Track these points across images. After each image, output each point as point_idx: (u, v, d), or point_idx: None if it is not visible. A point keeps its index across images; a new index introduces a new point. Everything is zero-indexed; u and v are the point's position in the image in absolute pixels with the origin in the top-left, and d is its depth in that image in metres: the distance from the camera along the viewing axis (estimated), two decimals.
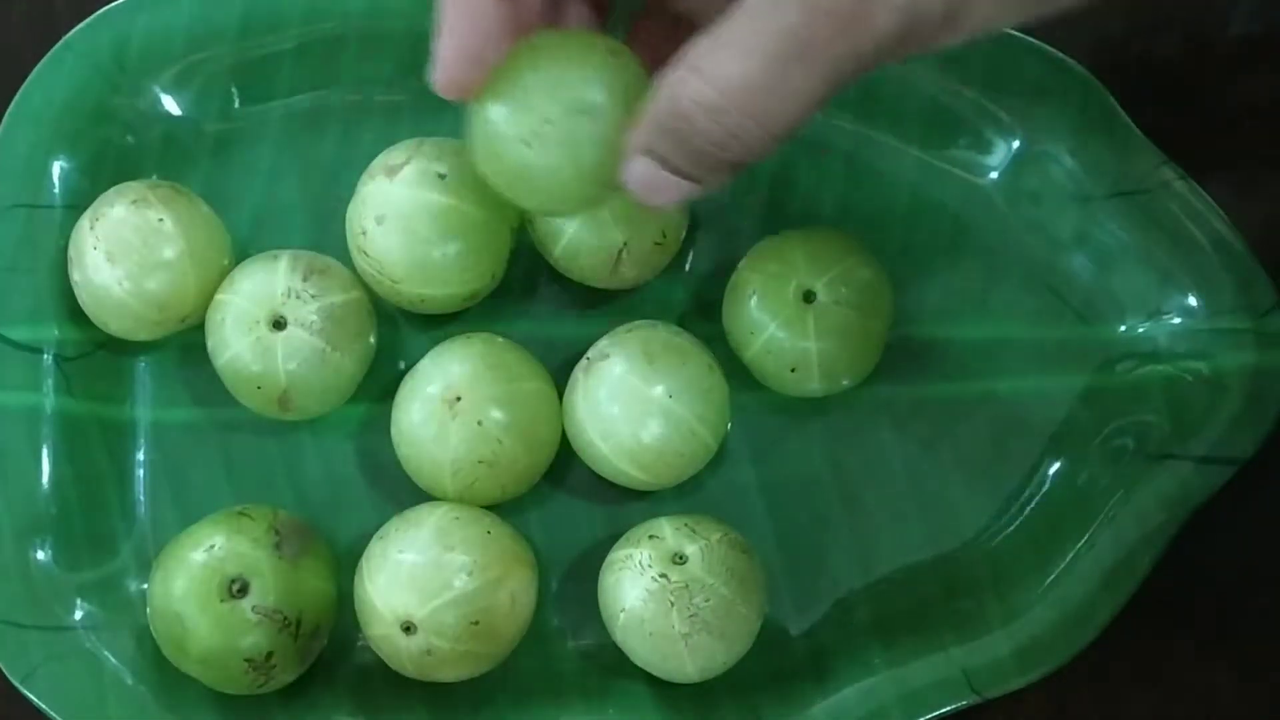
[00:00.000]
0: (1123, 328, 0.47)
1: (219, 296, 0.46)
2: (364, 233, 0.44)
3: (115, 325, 0.46)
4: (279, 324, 0.45)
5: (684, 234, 0.47)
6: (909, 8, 0.31)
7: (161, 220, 0.45)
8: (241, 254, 0.47)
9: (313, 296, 0.45)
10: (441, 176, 0.44)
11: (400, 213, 0.44)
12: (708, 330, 0.47)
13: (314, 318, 0.45)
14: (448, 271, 0.45)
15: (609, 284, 0.47)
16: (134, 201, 0.46)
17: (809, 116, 0.33)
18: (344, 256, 0.46)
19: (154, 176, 0.48)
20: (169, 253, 0.45)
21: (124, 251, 0.45)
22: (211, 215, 0.47)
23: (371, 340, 0.47)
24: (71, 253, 0.46)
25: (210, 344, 0.46)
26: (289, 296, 0.45)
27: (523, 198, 0.40)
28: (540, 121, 0.37)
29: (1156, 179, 0.46)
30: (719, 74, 0.33)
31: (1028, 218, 0.48)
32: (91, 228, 0.45)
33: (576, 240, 0.45)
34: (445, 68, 0.37)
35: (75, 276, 0.46)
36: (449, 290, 0.45)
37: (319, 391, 0.46)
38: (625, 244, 0.45)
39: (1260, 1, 0.51)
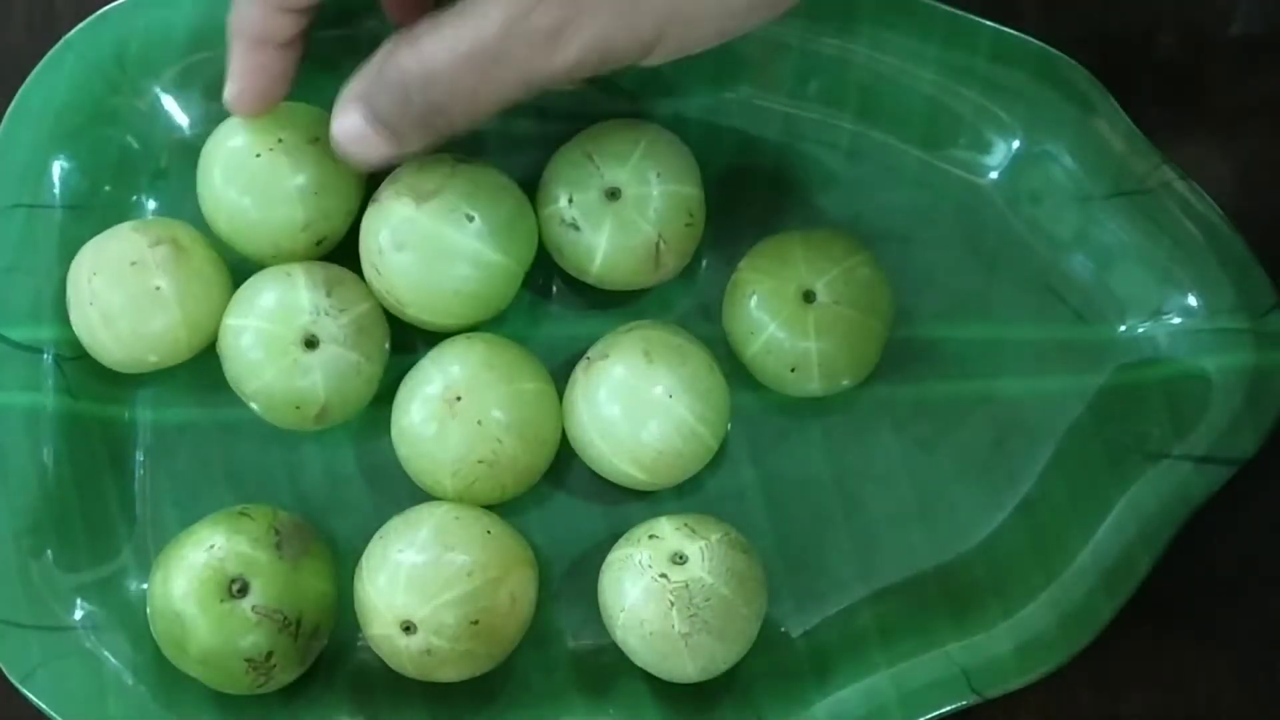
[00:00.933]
0: (1123, 328, 0.47)
1: (232, 322, 0.45)
2: (380, 251, 0.44)
3: (110, 363, 0.46)
4: (311, 343, 0.44)
5: (706, 211, 0.47)
6: (599, 45, 0.37)
7: (158, 288, 0.45)
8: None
9: (340, 311, 0.44)
10: (470, 219, 0.44)
11: (422, 245, 0.44)
12: (708, 330, 0.47)
13: (345, 331, 0.44)
14: (456, 308, 0.45)
15: (653, 281, 0.46)
16: (133, 264, 0.45)
17: (501, 108, 0.39)
18: (339, 256, 0.46)
19: (152, 180, 0.49)
20: (162, 321, 0.45)
21: (119, 315, 0.45)
22: (212, 270, 0.46)
23: (388, 343, 0.46)
24: (70, 294, 0.46)
25: (233, 372, 0.45)
26: (318, 314, 0.44)
27: (242, 238, 0.46)
28: (274, 140, 0.45)
29: (1156, 179, 0.46)
30: (429, 53, 0.38)
31: (1028, 217, 0.48)
32: (89, 281, 0.45)
33: (612, 250, 0.45)
34: (239, 105, 0.44)
35: (73, 317, 0.46)
36: (452, 321, 0.45)
37: (353, 401, 0.45)
38: (660, 235, 0.45)
39: (1261, 1, 0.51)
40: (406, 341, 0.48)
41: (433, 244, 0.44)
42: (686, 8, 0.37)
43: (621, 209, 0.45)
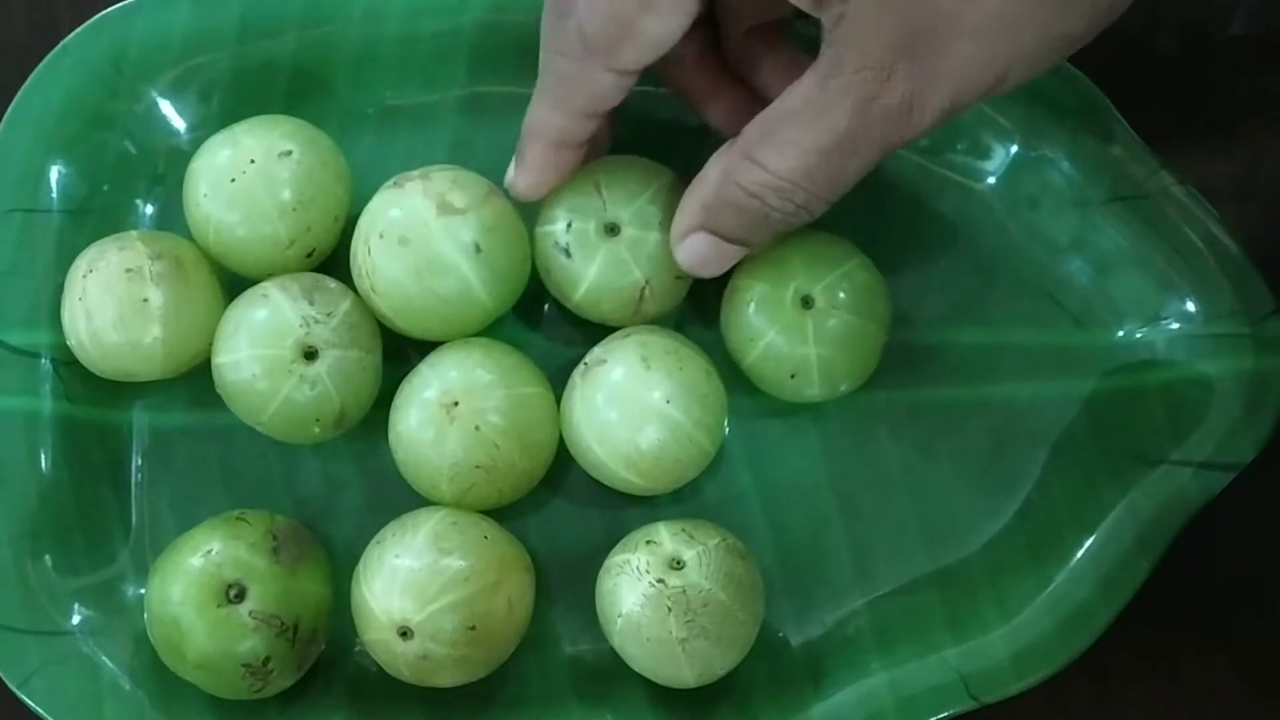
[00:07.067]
0: (1120, 333, 0.47)
1: (224, 360, 0.44)
2: (381, 235, 0.44)
3: (85, 362, 0.46)
4: (310, 354, 0.44)
5: None
6: (951, 104, 0.37)
7: (146, 301, 0.45)
8: None
9: (329, 314, 0.44)
10: (478, 250, 0.44)
11: (422, 252, 0.44)
12: (706, 336, 0.47)
13: (339, 333, 0.44)
14: (419, 319, 0.45)
15: (632, 322, 0.46)
16: (128, 270, 0.45)
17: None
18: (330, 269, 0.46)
19: (150, 185, 0.49)
20: (142, 333, 0.45)
21: (106, 324, 0.45)
22: (208, 296, 0.46)
23: (379, 332, 0.46)
24: (65, 297, 0.46)
25: (243, 406, 0.45)
26: (309, 324, 0.44)
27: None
28: (246, 162, 0.45)
29: (1154, 184, 0.46)
30: (777, 165, 0.39)
31: (1026, 223, 0.48)
32: (84, 277, 0.45)
33: (597, 285, 0.45)
34: (529, 195, 0.45)
35: (63, 310, 0.46)
36: (408, 328, 0.45)
37: (365, 398, 0.46)
38: (647, 282, 0.45)
39: (1260, 1, 0.51)
40: (403, 346, 0.48)
41: (432, 256, 0.44)
42: (1029, 47, 0.37)
43: (615, 247, 0.45)
